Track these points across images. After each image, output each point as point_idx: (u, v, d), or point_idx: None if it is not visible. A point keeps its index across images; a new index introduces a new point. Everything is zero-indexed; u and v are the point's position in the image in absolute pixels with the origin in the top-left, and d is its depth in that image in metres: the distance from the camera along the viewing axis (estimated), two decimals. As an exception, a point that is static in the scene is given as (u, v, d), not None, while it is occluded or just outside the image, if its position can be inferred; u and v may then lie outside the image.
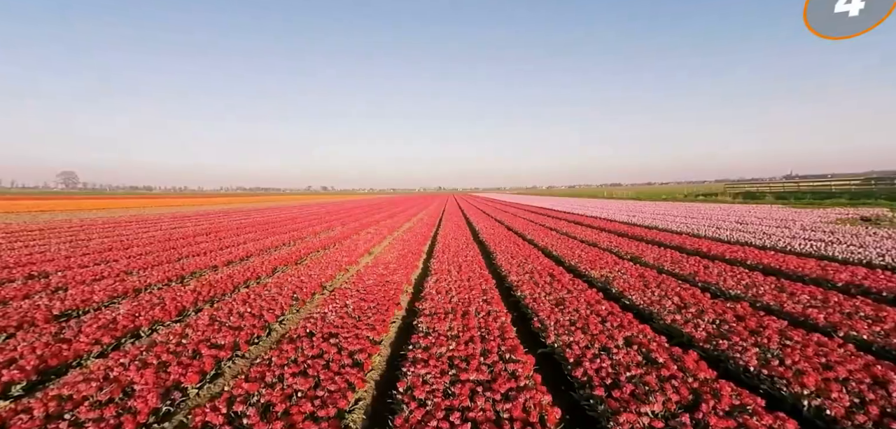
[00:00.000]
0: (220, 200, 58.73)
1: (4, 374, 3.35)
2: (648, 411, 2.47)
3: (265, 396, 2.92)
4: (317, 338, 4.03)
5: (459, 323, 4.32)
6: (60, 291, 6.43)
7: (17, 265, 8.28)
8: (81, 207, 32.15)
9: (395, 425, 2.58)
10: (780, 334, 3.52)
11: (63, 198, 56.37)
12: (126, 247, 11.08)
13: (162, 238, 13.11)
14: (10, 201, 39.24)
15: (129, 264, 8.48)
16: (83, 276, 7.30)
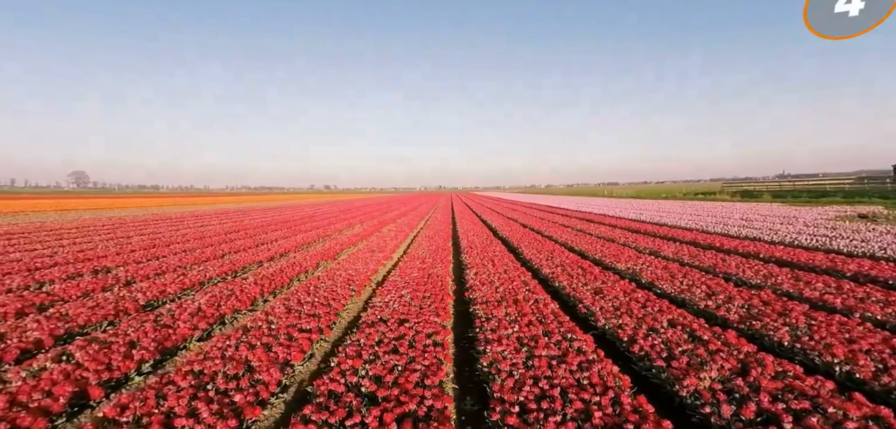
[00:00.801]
0: (229, 199, 59.10)
1: (135, 354, 3.77)
2: (707, 377, 2.90)
3: (370, 370, 3.34)
4: (391, 323, 4.45)
5: (514, 309, 4.75)
6: (130, 284, 6.85)
7: (77, 261, 8.70)
8: (100, 206, 32.51)
9: (492, 390, 3.01)
10: (805, 315, 3.96)
11: (78, 197, 56.62)
12: (167, 244, 11.50)
13: (195, 235, 13.53)
14: (31, 200, 39.55)
15: (180, 260, 8.89)
16: (144, 271, 7.71)
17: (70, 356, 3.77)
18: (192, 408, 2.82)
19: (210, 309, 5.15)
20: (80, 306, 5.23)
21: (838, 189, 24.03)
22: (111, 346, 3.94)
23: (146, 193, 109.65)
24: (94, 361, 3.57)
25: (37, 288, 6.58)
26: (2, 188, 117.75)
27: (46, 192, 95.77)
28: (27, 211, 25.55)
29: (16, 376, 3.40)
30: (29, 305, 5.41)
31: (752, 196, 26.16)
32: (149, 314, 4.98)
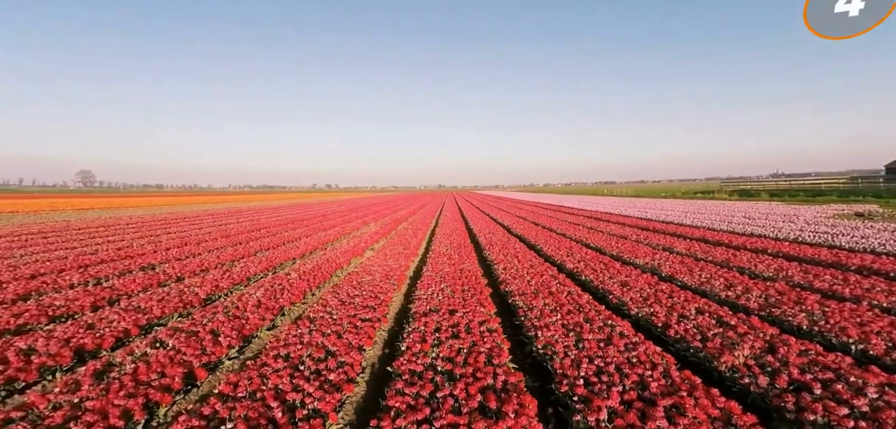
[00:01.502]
0: (236, 198, 59.30)
1: (222, 340, 4.15)
2: (741, 355, 3.30)
3: (440, 352, 3.73)
4: (442, 312, 4.81)
5: (551, 300, 5.13)
6: (180, 280, 7.22)
7: (120, 259, 9.07)
8: (113, 206, 32.76)
9: (554, 367, 3.39)
10: (818, 303, 4.37)
11: (89, 196, 56.76)
12: (197, 242, 11.84)
13: (220, 234, 13.87)
14: (47, 199, 39.70)
15: (218, 257, 9.25)
16: (187, 267, 8.06)
17: (163, 343, 4.14)
18: (296, 385, 3.19)
19: (269, 302, 5.52)
20: (148, 300, 5.60)
21: (833, 189, 24.53)
22: (197, 334, 4.32)
23: (151, 193, 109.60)
24: (189, 347, 3.93)
25: (95, 283, 6.95)
26: (10, 187, 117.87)
27: (54, 190, 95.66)
28: (45, 210, 25.81)
29: (125, 359, 3.78)
30: (99, 298, 5.78)
31: (750, 195, 26.63)
32: (211, 307, 5.34)
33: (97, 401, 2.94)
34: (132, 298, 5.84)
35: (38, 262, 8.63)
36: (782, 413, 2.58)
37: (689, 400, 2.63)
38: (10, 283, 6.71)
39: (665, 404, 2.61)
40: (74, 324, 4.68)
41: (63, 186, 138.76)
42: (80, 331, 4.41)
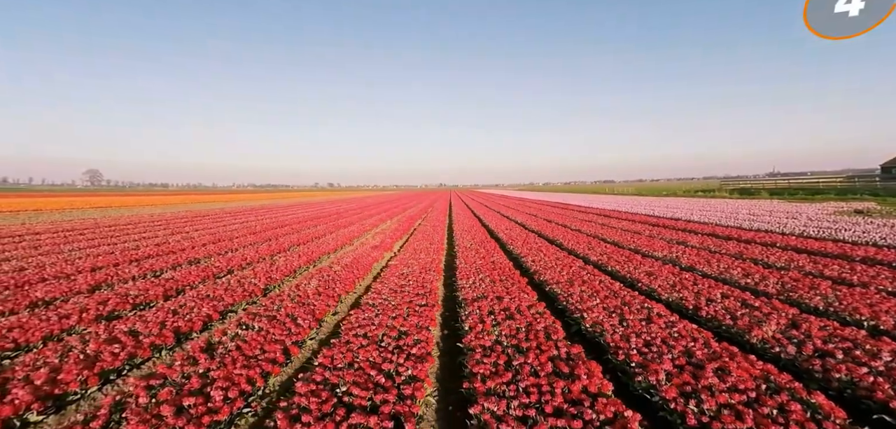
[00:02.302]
0: (244, 197, 59.65)
1: (302, 322, 4.60)
2: (769, 329, 3.76)
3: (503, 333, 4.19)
4: (491, 298, 5.29)
5: (586, 287, 5.60)
6: (231, 272, 7.67)
7: (163, 254, 9.50)
8: (128, 204, 33.15)
9: (607, 342, 3.85)
10: (830, 288, 4.83)
11: (101, 195, 57.10)
12: (229, 238, 12.28)
13: (246, 231, 14.31)
14: (65, 198, 40.03)
15: (257, 252, 9.70)
16: (232, 261, 8.50)
17: (248, 325, 4.59)
18: (384, 357, 3.64)
19: (327, 290, 5.98)
20: (214, 290, 6.04)
21: (831, 187, 25.04)
22: (275, 318, 4.77)
23: (158, 191, 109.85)
24: (275, 328, 4.38)
25: (153, 276, 7.40)
26: (21, 186, 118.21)
27: (62, 189, 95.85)
28: (66, 208, 26.22)
29: (222, 338, 4.22)
30: (167, 289, 6.23)
31: (750, 194, 27.12)
32: (272, 296, 5.78)
33: (221, 371, 3.38)
34: (195, 289, 6.29)
35: (90, 256, 9.06)
36: (811, 374, 3.04)
37: (733, 363, 3.09)
38: (76, 275, 7.16)
39: (712, 366, 3.06)
40: (158, 310, 5.13)
41: (71, 185, 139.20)
42: (170, 316, 4.86)
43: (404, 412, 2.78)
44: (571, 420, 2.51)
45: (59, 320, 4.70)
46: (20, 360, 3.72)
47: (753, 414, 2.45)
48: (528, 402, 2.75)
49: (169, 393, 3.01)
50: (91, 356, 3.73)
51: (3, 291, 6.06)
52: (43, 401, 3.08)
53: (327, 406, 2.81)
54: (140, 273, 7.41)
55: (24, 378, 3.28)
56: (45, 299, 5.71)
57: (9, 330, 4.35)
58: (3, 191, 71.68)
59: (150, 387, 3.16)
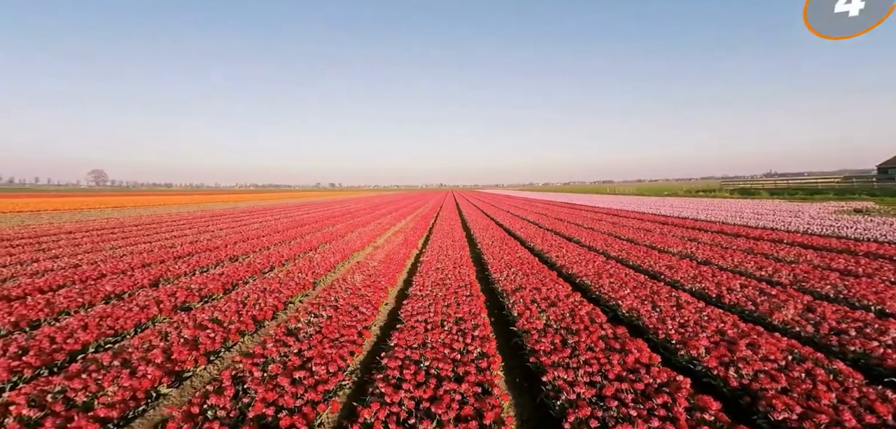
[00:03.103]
0: (251, 197, 59.98)
1: (365, 312, 5.07)
2: (787, 313, 4.24)
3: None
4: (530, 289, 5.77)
5: (615, 278, 6.08)
6: (274, 268, 8.13)
7: (199, 252, 9.93)
8: (143, 204, 33.54)
9: (646, 324, 4.33)
10: (839, 278, 5.32)
11: (107, 195, 57.38)
12: (257, 237, 12.73)
13: (270, 229, 14.75)
14: (79, 198, 40.37)
15: (290, 249, 10.16)
16: (270, 258, 8.96)
17: (317, 314, 5.04)
18: (451, 338, 4.11)
19: (372, 283, 6.44)
20: (268, 284, 6.50)
21: (829, 187, 25.58)
22: (338, 307, 5.23)
23: (163, 191, 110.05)
24: (343, 317, 4.85)
25: (202, 271, 7.86)
26: (27, 186, 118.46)
27: (68, 189, 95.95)
28: (81, 208, 26.61)
29: (297, 323, 4.69)
30: (223, 283, 6.69)
31: (750, 194, 27.64)
32: (325, 288, 6.24)
33: (312, 350, 3.85)
34: (248, 284, 6.74)
35: (133, 254, 9.51)
36: (829, 348, 3.52)
37: (761, 340, 3.57)
38: (131, 271, 7.63)
39: (744, 342, 3.54)
40: (227, 301, 5.58)
41: (76, 185, 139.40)
42: (240, 307, 5.31)
43: (485, 381, 3.24)
44: (633, 383, 2.98)
45: (141, 310, 5.17)
46: (127, 344, 4.17)
47: (785, 378, 2.93)
48: (592, 371, 3.22)
49: (278, 368, 3.47)
50: (190, 340, 4.19)
51: (75, 285, 6.52)
52: (168, 376, 3.55)
53: (420, 376, 3.27)
54: (189, 269, 7.87)
55: (143, 358, 3.74)
56: (116, 293, 6.17)
57: (102, 319, 4.80)
58: (13, 191, 71.99)
59: (255, 363, 3.63)
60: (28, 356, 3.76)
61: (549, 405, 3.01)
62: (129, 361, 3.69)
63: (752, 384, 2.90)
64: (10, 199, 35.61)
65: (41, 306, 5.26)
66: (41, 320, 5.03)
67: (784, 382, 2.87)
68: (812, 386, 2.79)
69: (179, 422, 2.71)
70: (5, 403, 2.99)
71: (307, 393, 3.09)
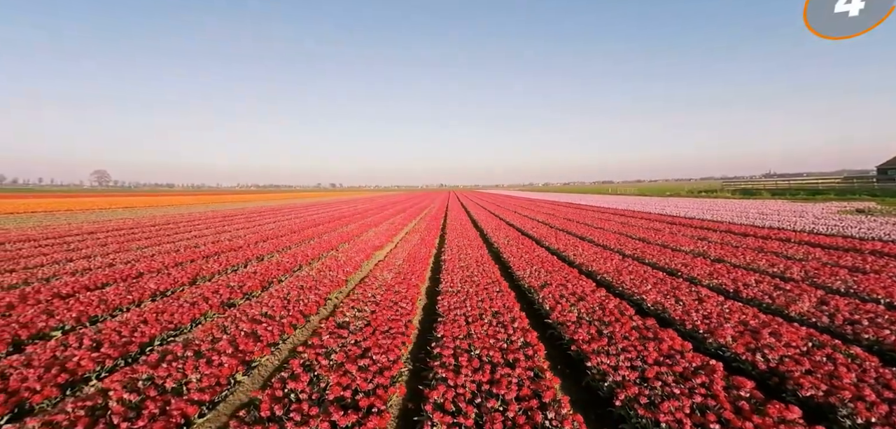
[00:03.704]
0: (255, 197, 60.22)
1: (405, 307, 5.39)
2: (803, 305, 4.57)
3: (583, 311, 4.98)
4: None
5: (636, 275, 6.40)
6: (299, 269, 8.43)
7: (225, 251, 10.24)
8: (151, 204, 33.80)
9: (675, 316, 4.65)
10: (848, 274, 5.65)
11: (112, 195, 57.51)
12: (275, 236, 13.03)
13: (285, 230, 15.03)
14: (88, 198, 40.57)
15: (312, 249, 10.47)
16: (299, 257, 9.26)
17: (360, 309, 5.36)
18: (495, 330, 4.43)
19: (404, 281, 6.76)
20: (303, 280, 6.82)
21: (830, 188, 25.97)
22: (379, 303, 5.55)
23: (165, 192, 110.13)
24: (386, 312, 5.17)
25: (233, 270, 8.17)
26: (30, 186, 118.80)
27: (71, 190, 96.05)
28: (91, 209, 26.89)
29: (345, 316, 5.01)
30: (263, 281, 7.01)
31: (752, 194, 28.01)
32: (361, 284, 6.57)
33: (370, 339, 4.17)
34: (284, 282, 7.05)
35: (162, 254, 9.81)
36: (844, 336, 3.85)
37: (782, 329, 3.90)
38: (167, 270, 7.95)
39: (766, 331, 3.87)
40: (270, 297, 5.90)
41: (79, 186, 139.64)
42: (285, 303, 5.63)
43: (536, 366, 3.56)
44: (672, 367, 3.30)
45: (191, 307, 5.48)
46: (191, 337, 4.48)
47: (808, 361, 3.25)
48: (631, 357, 3.54)
49: (342, 357, 3.78)
50: (249, 333, 4.50)
51: (119, 283, 6.83)
52: (242, 365, 3.86)
53: (474, 362, 3.59)
54: (221, 268, 8.17)
55: (212, 349, 4.05)
56: (160, 290, 6.48)
57: (160, 314, 5.12)
58: (18, 191, 72.13)
59: (318, 353, 3.94)
60: (104, 349, 4.07)
61: (596, 387, 3.33)
62: (200, 351, 4.00)
63: (779, 367, 3.22)
64: (21, 199, 35.82)
65: (96, 304, 5.57)
66: (98, 316, 5.34)
67: (807, 365, 3.19)
68: (833, 368, 3.11)
69: (270, 404, 3.02)
70: (102, 389, 3.30)
71: (375, 378, 3.40)
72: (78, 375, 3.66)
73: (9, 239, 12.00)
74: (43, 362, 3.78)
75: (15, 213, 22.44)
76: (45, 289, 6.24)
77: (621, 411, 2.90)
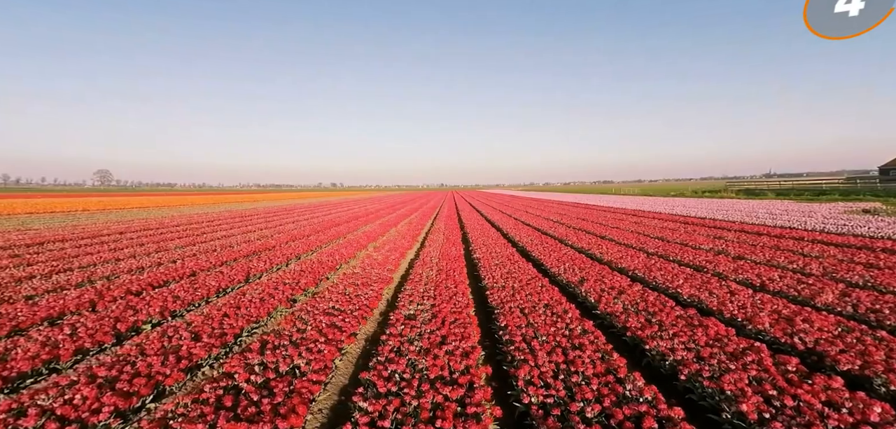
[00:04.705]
0: (259, 197, 60.55)
1: (462, 301, 5.89)
2: (828, 297, 5.08)
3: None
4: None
5: (668, 274, 6.91)
6: (339, 268, 8.93)
7: (261, 251, 10.72)
8: (161, 205, 34.20)
9: (710, 306, 5.16)
10: (864, 270, 6.17)
11: (121, 194, 57.79)
12: (304, 236, 13.51)
13: (309, 230, 15.51)
14: (93, 198, 40.90)
15: (339, 250, 10.97)
16: (336, 256, 9.76)
17: (421, 302, 5.85)
18: (552, 320, 4.93)
19: (447, 278, 7.26)
20: (351, 279, 7.31)
21: (834, 188, 26.55)
22: (435, 295, 6.04)
23: (163, 191, 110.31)
24: (446, 304, 5.67)
25: (277, 269, 8.65)
26: (33, 186, 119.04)
27: (74, 189, 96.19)
28: (108, 209, 27.32)
29: (409, 308, 5.50)
30: (317, 278, 7.50)
31: (756, 194, 28.58)
32: (409, 281, 7.07)
33: (443, 329, 4.66)
34: (332, 280, 7.55)
35: (203, 253, 10.28)
36: (869, 322, 4.36)
37: (812, 316, 4.41)
38: (217, 268, 8.42)
39: (799, 318, 4.37)
40: (327, 292, 6.38)
41: (81, 185, 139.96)
42: (345, 297, 6.12)
43: (602, 349, 4.06)
44: (722, 348, 3.81)
45: (261, 302, 5.96)
46: (276, 328, 4.96)
47: (841, 343, 3.76)
48: (683, 340, 4.05)
49: (427, 342, 4.28)
50: (329, 325, 4.98)
51: (181, 281, 7.31)
52: (337, 351, 4.35)
53: (547, 346, 4.09)
54: (266, 267, 8.66)
55: (302, 339, 4.53)
56: (222, 287, 6.97)
57: (236, 309, 5.60)
58: (24, 191, 72.31)
59: (403, 338, 4.43)
60: (205, 339, 4.54)
61: (658, 367, 3.83)
62: (294, 340, 4.49)
63: (816, 347, 3.73)
64: (32, 199, 36.15)
65: (171, 300, 6.04)
66: (177, 311, 5.83)
67: (840, 346, 3.70)
68: (864, 348, 3.62)
69: (384, 383, 3.48)
70: (225, 372, 3.78)
71: (463, 360, 3.90)
72: (192, 361, 4.14)
73: (45, 239, 12.44)
74: (154, 351, 4.26)
75: (35, 212, 22.86)
76: (115, 287, 6.72)
77: (687, 384, 3.40)
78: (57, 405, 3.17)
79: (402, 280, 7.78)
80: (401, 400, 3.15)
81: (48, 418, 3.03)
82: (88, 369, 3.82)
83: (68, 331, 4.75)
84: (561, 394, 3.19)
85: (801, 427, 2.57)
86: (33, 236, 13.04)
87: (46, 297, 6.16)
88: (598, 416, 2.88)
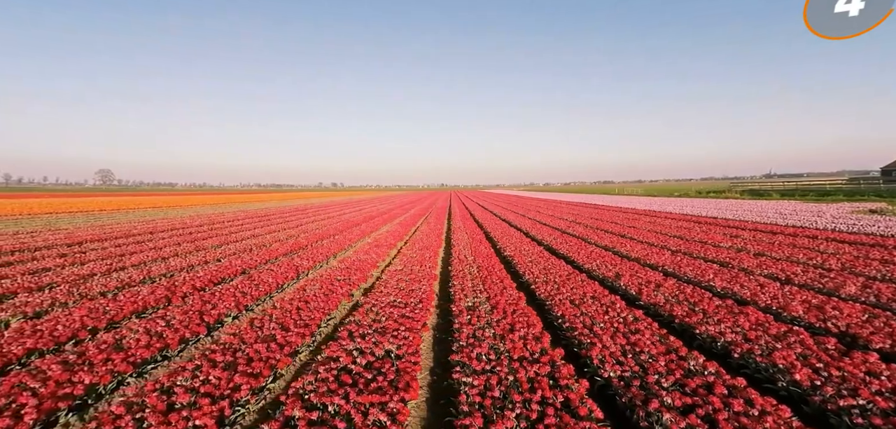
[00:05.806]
0: (262, 197, 60.84)
1: (501, 296, 6.42)
2: (851, 288, 5.63)
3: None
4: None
5: (699, 271, 7.45)
6: (381, 263, 9.44)
7: (293, 252, 11.21)
8: (170, 205, 34.59)
9: (738, 293, 5.70)
10: (881, 265, 6.72)
11: (129, 194, 57.99)
12: (330, 236, 14.00)
13: (332, 230, 15.99)
14: (100, 198, 41.20)
15: (377, 250, 11.47)
16: (372, 252, 10.27)
17: (477, 296, 6.38)
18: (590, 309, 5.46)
19: (489, 275, 7.79)
20: (405, 275, 7.83)
21: (837, 188, 27.19)
22: (488, 289, 6.56)
23: (164, 191, 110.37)
24: (501, 297, 6.19)
25: (320, 267, 9.16)
26: (35, 185, 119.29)
27: (76, 189, 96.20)
28: (123, 209, 27.73)
29: (466, 301, 6.02)
30: (363, 276, 8.01)
31: (761, 195, 29.18)
32: (454, 276, 7.59)
33: (508, 318, 5.18)
34: (382, 279, 8.04)
35: (243, 253, 10.76)
36: (893, 311, 4.91)
37: (840, 304, 4.95)
38: (264, 267, 8.91)
39: (828, 306, 4.91)
40: (378, 287, 6.89)
41: (83, 185, 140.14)
42: (400, 290, 6.63)
43: (660, 334, 4.58)
44: (766, 331, 4.34)
45: (325, 297, 6.46)
46: (354, 318, 5.47)
47: (871, 327, 4.30)
48: (728, 325, 4.57)
49: (504, 325, 4.80)
50: (399, 315, 5.50)
51: (233, 279, 7.81)
52: (419, 336, 4.87)
53: (619, 329, 4.61)
54: (310, 265, 9.16)
55: (382, 328, 5.05)
56: (279, 284, 7.47)
57: (306, 303, 6.09)
58: (27, 191, 72.40)
59: (463, 321, 4.95)
60: (293, 329, 5.02)
61: (710, 347, 4.37)
62: (377, 329, 4.99)
63: (848, 330, 4.28)
64: (42, 199, 36.49)
65: (239, 296, 6.51)
66: (249, 305, 6.33)
67: (870, 329, 4.24)
68: (892, 330, 4.16)
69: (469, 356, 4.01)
70: (329, 357, 4.28)
71: (536, 343, 4.42)
72: (292, 347, 4.63)
73: (82, 239, 12.89)
74: (253, 339, 4.74)
75: (56, 212, 23.27)
76: (180, 284, 7.20)
77: (740, 361, 3.93)
78: (198, 384, 3.66)
79: (444, 277, 8.30)
80: (498, 377, 3.67)
81: (196, 395, 3.52)
82: (203, 355, 4.30)
83: (163, 323, 5.22)
84: (635, 369, 3.71)
85: (848, 391, 3.10)
86: (66, 236, 13.49)
87: (122, 293, 6.64)
88: (673, 385, 3.40)
